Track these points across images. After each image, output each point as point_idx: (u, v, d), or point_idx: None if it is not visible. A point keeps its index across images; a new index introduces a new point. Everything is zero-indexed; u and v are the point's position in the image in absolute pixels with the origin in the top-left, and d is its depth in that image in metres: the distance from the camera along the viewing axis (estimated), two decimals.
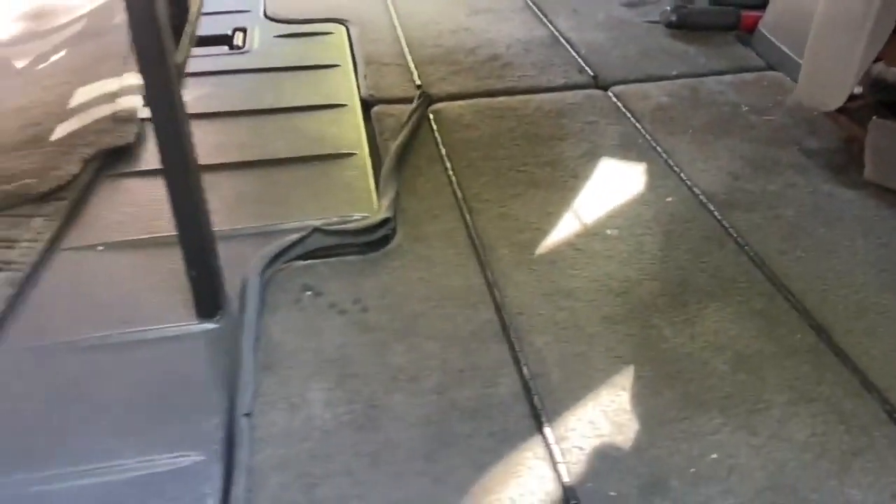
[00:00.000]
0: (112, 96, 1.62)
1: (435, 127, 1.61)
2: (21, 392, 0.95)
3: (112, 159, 1.46)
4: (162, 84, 0.87)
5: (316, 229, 1.20)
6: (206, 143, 1.53)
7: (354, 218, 1.30)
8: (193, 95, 1.74)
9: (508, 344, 1.04)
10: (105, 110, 1.56)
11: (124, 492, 0.82)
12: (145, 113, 1.60)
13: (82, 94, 1.64)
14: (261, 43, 2.03)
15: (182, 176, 0.95)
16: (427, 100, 1.70)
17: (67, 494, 0.82)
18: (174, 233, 1.23)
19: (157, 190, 1.38)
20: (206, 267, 1.03)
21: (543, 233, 1.28)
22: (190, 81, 1.81)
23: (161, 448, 0.87)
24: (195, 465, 0.85)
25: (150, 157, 1.49)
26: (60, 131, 1.49)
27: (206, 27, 2.09)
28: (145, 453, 0.86)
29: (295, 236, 1.19)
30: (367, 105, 1.72)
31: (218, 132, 1.60)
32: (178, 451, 0.87)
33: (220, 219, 1.27)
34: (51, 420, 0.91)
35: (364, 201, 1.36)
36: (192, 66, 1.87)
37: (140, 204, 1.34)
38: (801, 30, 1.76)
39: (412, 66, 1.90)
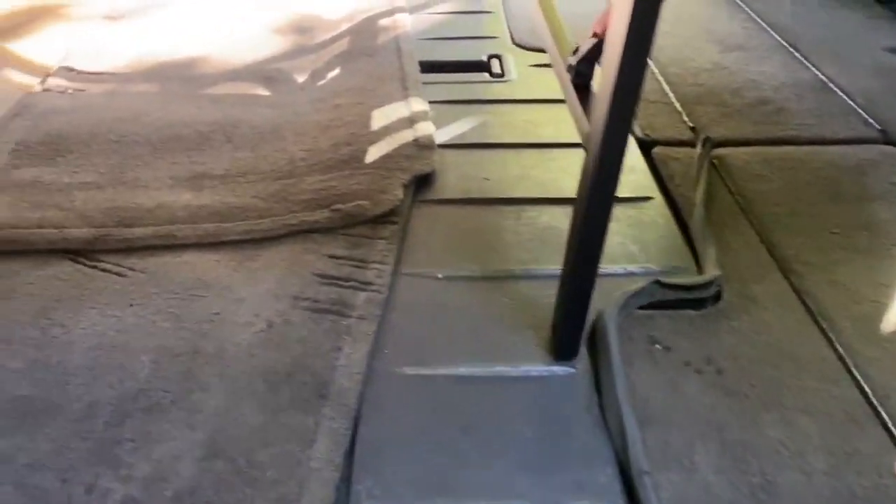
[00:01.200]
0: (408, 121, 1.71)
1: (723, 175, 1.59)
2: (418, 418, 1.02)
3: (418, 185, 1.54)
4: (625, 117, 0.86)
5: (656, 281, 1.21)
6: (498, 175, 1.60)
7: (669, 268, 1.30)
8: (468, 124, 1.82)
9: (886, 430, 1.00)
10: (407, 136, 1.65)
11: None
12: (439, 139, 1.69)
13: (379, 117, 1.74)
14: (518, 72, 2.08)
15: (603, 212, 0.96)
16: (711, 145, 1.67)
17: None
18: (505, 268, 1.29)
19: (465, 220, 1.46)
20: (581, 310, 1.06)
21: (882, 306, 1.23)
22: (460, 109, 1.89)
23: (566, 492, 0.91)
24: None
25: (450, 185, 1.56)
26: (373, 154, 1.59)
27: (460, 52, 2.19)
28: (552, 496, 0.90)
29: (637, 286, 1.20)
30: (642, 144, 1.72)
31: (505, 164, 1.64)
32: (584, 497, 0.90)
33: (534, 256, 1.32)
34: (454, 449, 0.97)
35: (676, 250, 1.36)
36: (459, 92, 1.96)
37: (457, 234, 1.41)
38: None
39: (678, 105, 1.88)
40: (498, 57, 2.16)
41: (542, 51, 2.20)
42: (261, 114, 1.81)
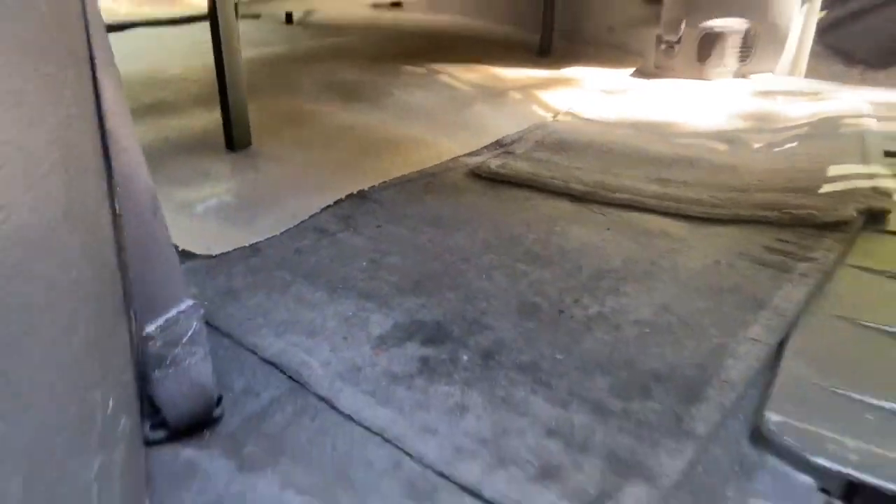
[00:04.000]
0: (867, 176, 1.81)
1: None
2: (841, 363, 1.12)
3: (871, 223, 1.61)
4: None
5: None
6: None
7: None
8: None
9: None
10: (864, 183, 1.76)
11: None
12: None
13: (836, 171, 1.88)
14: None
15: None
16: None
17: None
18: None
19: None
20: None
21: None
22: None
23: None
24: None
25: None
26: (828, 188, 1.74)
27: None
28: None
29: None
30: None
31: None
32: None
33: None
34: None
35: None
36: None
37: None
38: None
39: None
40: None
41: None
42: (719, 157, 2.13)
